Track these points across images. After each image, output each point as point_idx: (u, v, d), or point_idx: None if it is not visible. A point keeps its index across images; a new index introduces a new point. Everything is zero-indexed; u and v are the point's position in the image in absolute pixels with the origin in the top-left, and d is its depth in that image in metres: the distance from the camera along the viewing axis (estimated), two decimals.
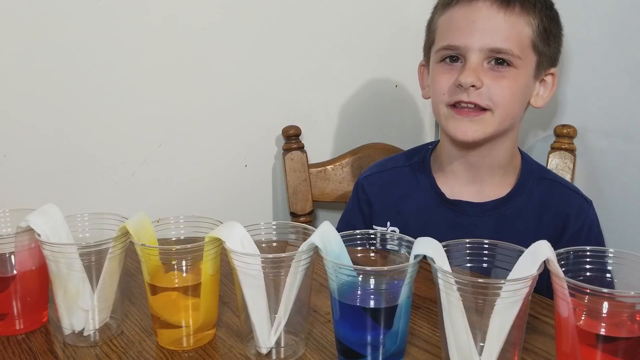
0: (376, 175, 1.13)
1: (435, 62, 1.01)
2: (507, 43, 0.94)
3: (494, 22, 0.95)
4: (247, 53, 1.27)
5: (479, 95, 0.95)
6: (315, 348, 0.73)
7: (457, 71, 0.97)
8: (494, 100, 0.95)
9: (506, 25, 0.95)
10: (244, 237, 0.69)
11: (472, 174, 1.04)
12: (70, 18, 1.08)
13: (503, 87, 0.95)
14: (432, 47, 1.03)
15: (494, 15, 0.95)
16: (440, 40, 1.00)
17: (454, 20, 0.98)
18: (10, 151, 1.08)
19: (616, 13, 1.16)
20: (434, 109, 1.03)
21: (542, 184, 1.04)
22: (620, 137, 1.18)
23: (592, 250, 0.66)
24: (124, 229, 0.72)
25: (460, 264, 0.69)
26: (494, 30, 0.95)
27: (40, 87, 1.09)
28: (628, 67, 1.15)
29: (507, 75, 0.95)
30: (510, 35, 0.95)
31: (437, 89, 0.99)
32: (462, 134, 0.97)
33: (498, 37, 0.94)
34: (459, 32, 0.96)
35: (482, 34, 0.95)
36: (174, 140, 1.23)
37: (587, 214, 1.02)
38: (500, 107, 0.95)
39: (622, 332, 0.60)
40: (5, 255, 0.78)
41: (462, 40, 0.96)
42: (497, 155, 1.02)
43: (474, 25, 0.95)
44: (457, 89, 0.96)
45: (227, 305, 0.84)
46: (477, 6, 0.96)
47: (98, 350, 0.74)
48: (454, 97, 0.97)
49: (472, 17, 0.96)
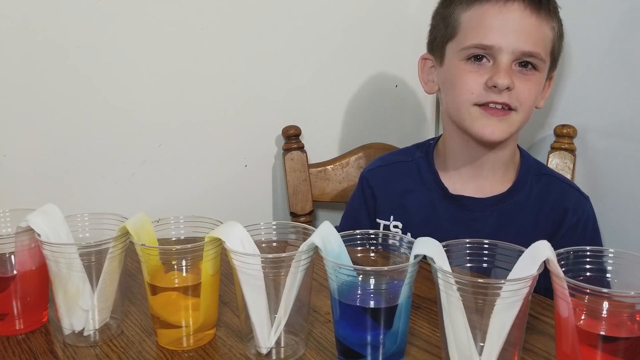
0: (380, 169, 1.14)
1: (459, 59, 0.99)
2: (537, 47, 0.95)
3: (527, 25, 0.95)
4: (247, 53, 1.27)
5: (509, 96, 0.95)
6: (315, 348, 0.73)
7: (485, 71, 0.96)
8: (521, 101, 0.96)
9: (537, 29, 0.95)
10: (244, 237, 0.69)
11: (475, 170, 1.05)
12: (70, 18, 1.08)
13: (530, 89, 0.97)
14: (451, 42, 1.00)
15: (527, 18, 0.95)
16: (467, 38, 0.97)
17: (485, 19, 0.96)
18: (10, 151, 1.08)
19: (616, 13, 1.16)
20: (457, 107, 1.00)
21: (541, 179, 1.05)
22: (620, 137, 1.18)
23: (592, 250, 0.66)
24: (124, 229, 0.72)
25: (460, 264, 0.69)
26: (527, 33, 0.95)
27: (40, 87, 1.09)
28: (628, 67, 1.15)
29: (533, 78, 0.97)
30: (539, 39, 0.96)
31: (464, 88, 0.98)
32: (489, 133, 0.97)
33: (530, 40, 0.95)
34: (491, 32, 0.95)
35: (515, 36, 0.94)
36: (174, 141, 1.23)
37: (584, 209, 1.03)
38: (525, 108, 0.97)
39: (622, 332, 0.60)
40: (5, 255, 0.78)
41: (495, 40, 0.95)
42: (502, 153, 1.03)
43: (507, 26, 0.95)
44: (490, 90, 0.95)
45: (227, 305, 0.84)
46: (512, 7, 0.95)
47: (98, 350, 0.74)
48: (486, 98, 0.96)
49: (505, 18, 0.95)
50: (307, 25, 1.34)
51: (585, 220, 1.03)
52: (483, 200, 1.04)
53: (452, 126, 1.04)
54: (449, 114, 1.03)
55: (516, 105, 0.96)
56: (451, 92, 1.01)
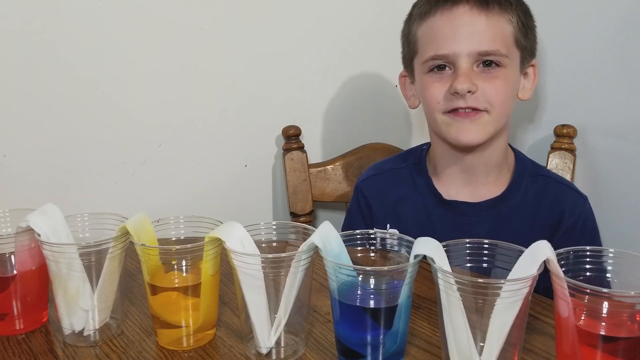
0: (373, 178, 1.14)
1: (423, 72, 1.00)
2: (494, 44, 0.95)
3: (477, 26, 0.95)
4: (247, 53, 1.27)
5: (475, 99, 0.95)
6: (315, 348, 0.73)
7: (448, 78, 0.97)
8: (490, 101, 0.96)
9: (489, 27, 0.95)
10: (244, 237, 0.69)
11: (467, 175, 1.04)
12: (70, 18, 1.09)
13: (497, 87, 0.96)
14: (415, 58, 1.03)
15: (476, 18, 0.95)
16: (425, 51, 0.99)
17: (436, 30, 0.97)
18: (10, 151, 1.09)
19: (616, 13, 1.16)
20: (430, 119, 1.02)
21: (537, 180, 1.04)
22: (620, 137, 1.18)
23: (592, 250, 0.66)
24: (124, 229, 0.72)
25: (460, 264, 0.69)
26: (479, 34, 0.95)
27: (40, 87, 1.09)
28: (628, 67, 1.15)
29: (499, 75, 0.96)
30: (495, 35, 0.95)
31: (430, 98, 0.99)
32: (465, 137, 0.97)
33: (484, 39, 0.94)
34: (444, 41, 0.96)
35: (468, 39, 0.95)
36: (174, 141, 1.23)
37: (582, 209, 1.03)
38: (496, 107, 0.96)
39: (622, 332, 0.59)
40: (5, 255, 0.78)
41: (449, 48, 0.95)
42: (492, 156, 1.02)
43: (458, 32, 0.95)
44: (453, 96, 0.96)
45: (227, 305, 0.84)
46: (457, 12, 0.95)
47: (98, 350, 0.74)
48: (451, 104, 0.96)
49: (454, 24, 0.95)
50: (307, 26, 1.34)
51: (584, 220, 1.02)
52: (478, 205, 1.03)
53: (435, 136, 1.05)
54: (429, 123, 1.05)
55: (485, 106, 0.96)
56: (424, 104, 1.03)
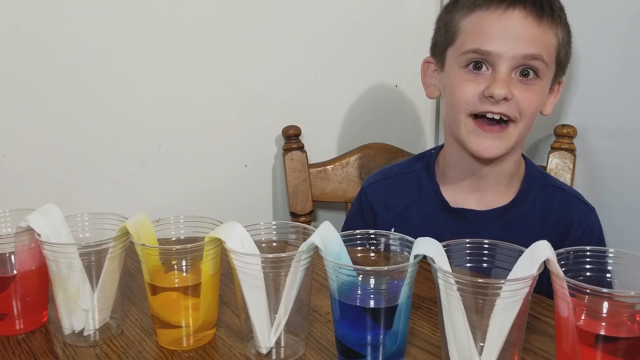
0: (379, 183, 1.12)
1: (457, 65, 0.97)
2: (540, 50, 0.93)
3: (528, 31, 0.93)
4: (247, 53, 1.27)
5: (508, 106, 0.93)
6: (315, 348, 0.73)
7: (483, 80, 0.94)
8: (521, 111, 0.94)
9: (539, 35, 0.94)
10: (244, 237, 0.69)
11: (477, 183, 1.03)
12: (70, 18, 1.08)
13: (531, 98, 0.94)
14: (451, 47, 0.99)
15: (528, 25, 0.93)
16: (466, 43, 0.96)
17: (484, 24, 0.94)
18: (10, 151, 1.08)
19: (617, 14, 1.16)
20: (452, 118, 0.99)
21: (545, 191, 1.03)
22: (620, 137, 1.18)
23: (592, 250, 0.66)
24: (124, 229, 0.72)
25: (460, 264, 0.69)
26: (528, 38, 0.93)
27: (40, 87, 1.09)
28: (628, 67, 1.15)
29: (534, 87, 0.95)
30: (542, 43, 0.94)
31: (459, 97, 0.96)
32: (485, 151, 0.95)
33: (531, 44, 0.93)
34: (491, 38, 0.93)
35: (515, 42, 0.92)
36: (174, 141, 1.23)
37: (589, 220, 1.01)
38: (525, 118, 0.95)
39: (622, 332, 0.60)
40: (5, 255, 0.78)
41: (494, 46, 0.92)
42: (506, 166, 1.01)
43: (507, 32, 0.93)
44: (486, 100, 0.93)
45: (227, 305, 0.84)
46: (512, 14, 0.93)
47: (98, 350, 0.74)
48: (481, 108, 0.94)
49: (505, 24, 0.93)
50: (308, 26, 1.34)
51: (590, 232, 1.00)
52: (484, 213, 1.02)
53: (451, 137, 1.03)
54: (447, 122, 1.02)
55: (515, 115, 0.94)
56: (449, 99, 1.00)
